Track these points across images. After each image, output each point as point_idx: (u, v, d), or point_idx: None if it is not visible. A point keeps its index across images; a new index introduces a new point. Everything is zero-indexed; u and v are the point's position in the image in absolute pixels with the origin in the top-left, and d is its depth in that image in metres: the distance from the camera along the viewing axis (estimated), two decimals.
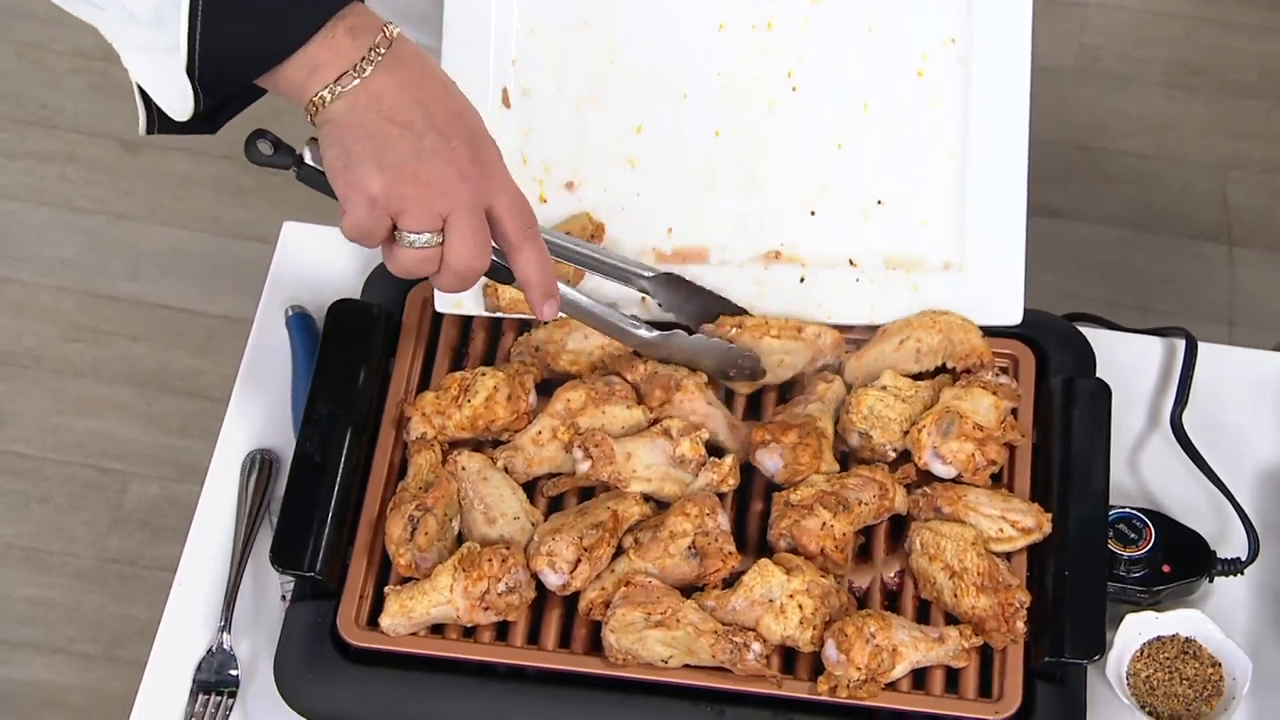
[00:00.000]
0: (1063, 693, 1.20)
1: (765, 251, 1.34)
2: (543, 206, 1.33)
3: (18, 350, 2.43)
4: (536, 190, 1.33)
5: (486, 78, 1.32)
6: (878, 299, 1.33)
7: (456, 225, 1.06)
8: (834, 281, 1.34)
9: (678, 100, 1.33)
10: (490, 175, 1.08)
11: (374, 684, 1.20)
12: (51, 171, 2.58)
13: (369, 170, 1.03)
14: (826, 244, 1.33)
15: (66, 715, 2.16)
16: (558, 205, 1.34)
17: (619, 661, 1.19)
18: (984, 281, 1.32)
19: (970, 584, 1.21)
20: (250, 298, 1.45)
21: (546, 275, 1.13)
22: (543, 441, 1.28)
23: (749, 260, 1.34)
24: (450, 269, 1.08)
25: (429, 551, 1.22)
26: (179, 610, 1.31)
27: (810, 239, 1.34)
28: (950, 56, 1.31)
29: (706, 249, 1.34)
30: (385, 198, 1.04)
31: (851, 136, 1.32)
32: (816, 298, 1.34)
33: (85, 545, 2.29)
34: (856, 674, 1.17)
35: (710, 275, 1.34)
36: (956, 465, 1.27)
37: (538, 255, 1.12)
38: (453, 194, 1.05)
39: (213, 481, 1.37)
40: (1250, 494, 1.36)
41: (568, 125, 1.33)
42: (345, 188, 1.05)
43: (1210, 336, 1.44)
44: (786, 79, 1.32)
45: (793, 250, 1.34)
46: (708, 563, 1.22)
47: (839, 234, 1.33)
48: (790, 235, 1.34)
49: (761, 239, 1.34)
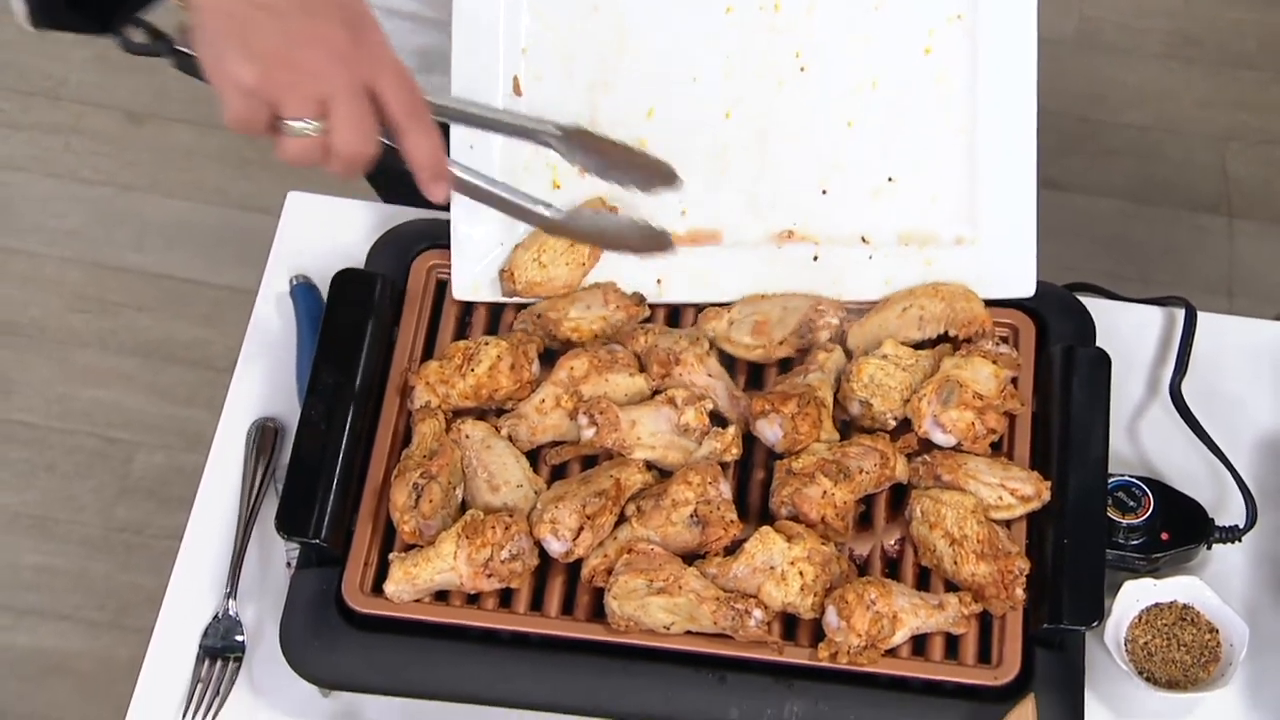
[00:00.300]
0: (1061, 659, 1.20)
1: (778, 231, 1.34)
2: (557, 192, 1.33)
3: (24, 320, 2.43)
4: (550, 176, 1.33)
5: (497, 66, 1.32)
6: (891, 274, 1.33)
7: (337, 110, 1.02)
8: (847, 259, 1.33)
9: (687, 84, 1.33)
10: (370, 55, 1.04)
11: (378, 650, 1.20)
12: (56, 143, 2.57)
13: (237, 60, 1.00)
14: (838, 222, 1.33)
15: (74, 681, 2.17)
16: (572, 190, 1.33)
17: (621, 628, 1.19)
18: (996, 255, 1.32)
19: (970, 551, 1.21)
20: (255, 268, 1.45)
21: (436, 155, 1.08)
22: (546, 409, 1.28)
23: (762, 240, 1.34)
24: (338, 155, 1.04)
25: (433, 519, 1.22)
26: (185, 577, 1.31)
27: (822, 217, 1.33)
28: (957, 32, 1.30)
29: (720, 230, 1.34)
30: (258, 87, 1.00)
31: (861, 115, 1.32)
32: (830, 275, 1.33)
33: (92, 514, 2.29)
34: (857, 640, 1.17)
35: (724, 256, 1.33)
36: (957, 434, 1.26)
37: (426, 134, 1.07)
38: (328, 77, 1.02)
39: (218, 449, 1.37)
40: (1248, 462, 1.36)
41: (579, 111, 1.32)
42: (218, 79, 1.01)
43: (1209, 307, 1.44)
44: (794, 59, 1.32)
45: (805, 229, 1.34)
46: (710, 531, 1.22)
47: (851, 212, 1.33)
48: (802, 214, 1.34)
49: (774, 219, 1.34)
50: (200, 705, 1.25)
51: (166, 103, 2.60)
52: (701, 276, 1.34)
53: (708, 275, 1.34)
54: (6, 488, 2.30)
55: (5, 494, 2.30)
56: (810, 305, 1.32)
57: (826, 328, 1.32)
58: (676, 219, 1.33)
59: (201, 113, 2.57)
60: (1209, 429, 1.35)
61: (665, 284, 1.34)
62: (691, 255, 1.33)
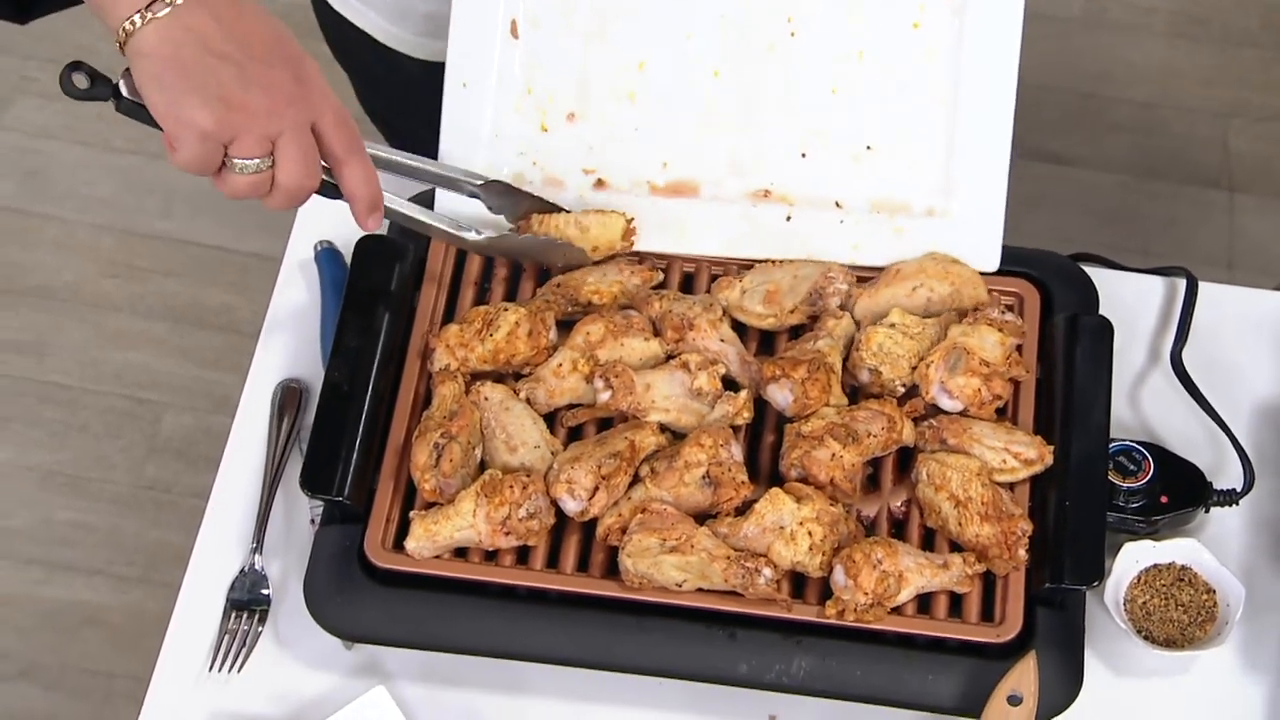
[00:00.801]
0: (1062, 617, 1.20)
1: (755, 189, 1.34)
2: (544, 135, 1.34)
3: (58, 285, 2.43)
4: (539, 119, 1.34)
5: (496, 8, 1.32)
6: (861, 240, 1.33)
7: (285, 147, 1.05)
8: (819, 221, 1.34)
9: (681, 39, 1.32)
10: (313, 95, 1.07)
11: (399, 604, 1.21)
12: (89, 112, 2.57)
13: (195, 105, 1.01)
14: (815, 185, 1.34)
15: (105, 633, 2.18)
16: (559, 135, 1.34)
17: (635, 585, 1.19)
18: (965, 228, 1.32)
19: (974, 513, 1.21)
20: (279, 237, 1.45)
21: (371, 188, 1.13)
22: (563, 373, 1.28)
23: (739, 197, 1.34)
24: (282, 189, 1.07)
25: (453, 478, 1.22)
26: (213, 532, 1.32)
27: (800, 179, 1.34)
28: (946, 9, 1.30)
29: (699, 184, 1.34)
30: (215, 130, 1.02)
31: (846, 83, 1.32)
32: (802, 235, 1.34)
33: (123, 472, 2.30)
34: (863, 598, 1.17)
35: (700, 209, 1.34)
36: (963, 399, 1.26)
37: (362, 169, 1.11)
38: (280, 117, 1.04)
39: (245, 410, 1.37)
40: (1246, 428, 1.36)
41: (572, 58, 1.33)
42: (174, 125, 1.02)
43: (1209, 279, 1.43)
44: (786, 24, 1.31)
45: (782, 190, 1.34)
46: (721, 491, 1.22)
47: (828, 176, 1.33)
48: (781, 175, 1.34)
49: (753, 177, 1.34)
50: (227, 655, 1.26)
51: None
52: (674, 226, 1.34)
53: (681, 226, 1.34)
54: (41, 447, 2.31)
55: (40, 453, 2.31)
56: (821, 273, 1.32)
57: (836, 295, 1.31)
58: (658, 170, 1.34)
59: None
60: (1208, 396, 1.35)
61: (639, 231, 1.33)
62: (667, 205, 1.34)
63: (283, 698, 1.25)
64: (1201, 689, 1.27)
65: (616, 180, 1.33)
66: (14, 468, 2.29)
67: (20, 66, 2.58)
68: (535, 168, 1.34)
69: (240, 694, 1.25)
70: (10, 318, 2.40)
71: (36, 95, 2.58)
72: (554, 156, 1.34)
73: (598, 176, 1.33)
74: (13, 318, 2.40)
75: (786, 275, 1.32)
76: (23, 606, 2.19)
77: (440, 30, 1.35)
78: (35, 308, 2.41)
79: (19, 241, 2.47)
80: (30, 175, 2.52)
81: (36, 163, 2.53)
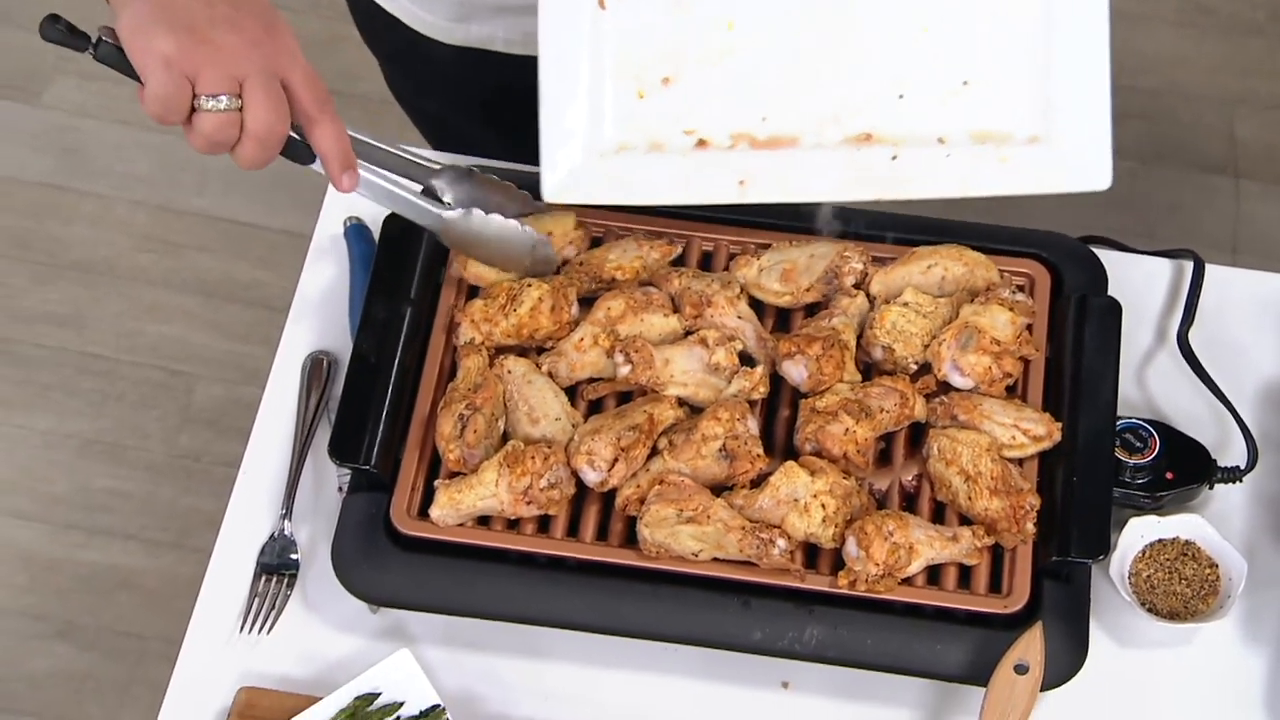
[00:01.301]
0: (1068, 590, 1.19)
1: (856, 134, 1.27)
2: (641, 102, 1.28)
3: (95, 259, 2.44)
4: (634, 87, 1.28)
5: None
6: (967, 172, 1.26)
7: (253, 90, 1.04)
8: (924, 158, 1.27)
9: None
10: (284, 49, 1.06)
11: (423, 570, 1.20)
12: (126, 92, 2.56)
13: (160, 32, 1.01)
14: (915, 125, 1.27)
15: (140, 596, 2.19)
16: (656, 100, 1.28)
17: (652, 554, 1.19)
18: (1071, 150, 1.25)
19: (984, 487, 1.20)
20: (310, 214, 1.45)
21: (344, 147, 1.11)
22: (584, 348, 1.27)
23: (840, 143, 1.27)
24: (251, 135, 1.05)
25: (477, 448, 1.22)
26: (244, 498, 1.32)
27: (899, 121, 1.27)
28: None
29: (799, 135, 1.28)
30: (179, 57, 1.01)
31: (936, 19, 1.26)
32: (909, 174, 1.27)
33: (157, 441, 2.30)
34: (875, 569, 1.17)
35: (803, 158, 1.27)
36: (974, 377, 1.25)
37: (334, 128, 1.10)
38: (246, 59, 1.03)
39: (275, 380, 1.37)
40: (1251, 407, 1.35)
41: (661, 24, 1.27)
42: (140, 53, 1.02)
43: (1215, 264, 1.42)
44: None
45: (883, 133, 1.27)
46: (737, 464, 1.21)
47: (927, 115, 1.27)
48: (880, 118, 1.27)
49: (852, 123, 1.27)
50: (257, 618, 1.26)
51: None
52: (783, 178, 1.27)
53: (789, 177, 1.27)
54: (80, 416, 2.32)
55: (79, 421, 2.31)
56: (836, 253, 1.31)
57: (851, 274, 1.30)
58: (758, 124, 1.28)
59: None
60: (1214, 375, 1.34)
61: (748, 185, 1.27)
62: (772, 158, 1.27)
63: (310, 659, 1.25)
64: (1203, 660, 1.26)
65: (718, 138, 1.28)
66: (54, 436, 2.30)
67: (58, 48, 2.59)
68: (637, 134, 1.28)
69: (269, 655, 1.25)
70: (50, 291, 2.41)
71: (75, 75, 2.58)
72: (654, 121, 1.28)
73: (699, 137, 1.28)
74: (52, 291, 2.41)
75: (803, 254, 1.32)
76: (61, 569, 2.20)
77: (469, 14, 1.34)
78: (74, 281, 2.42)
79: (58, 217, 2.47)
80: (69, 153, 2.52)
81: (75, 140, 2.53)
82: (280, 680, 1.24)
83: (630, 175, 1.27)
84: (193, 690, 1.24)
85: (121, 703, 2.12)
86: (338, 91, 1.08)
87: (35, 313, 2.39)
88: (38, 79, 2.57)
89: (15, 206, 2.47)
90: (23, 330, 2.37)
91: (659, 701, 1.24)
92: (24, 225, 2.46)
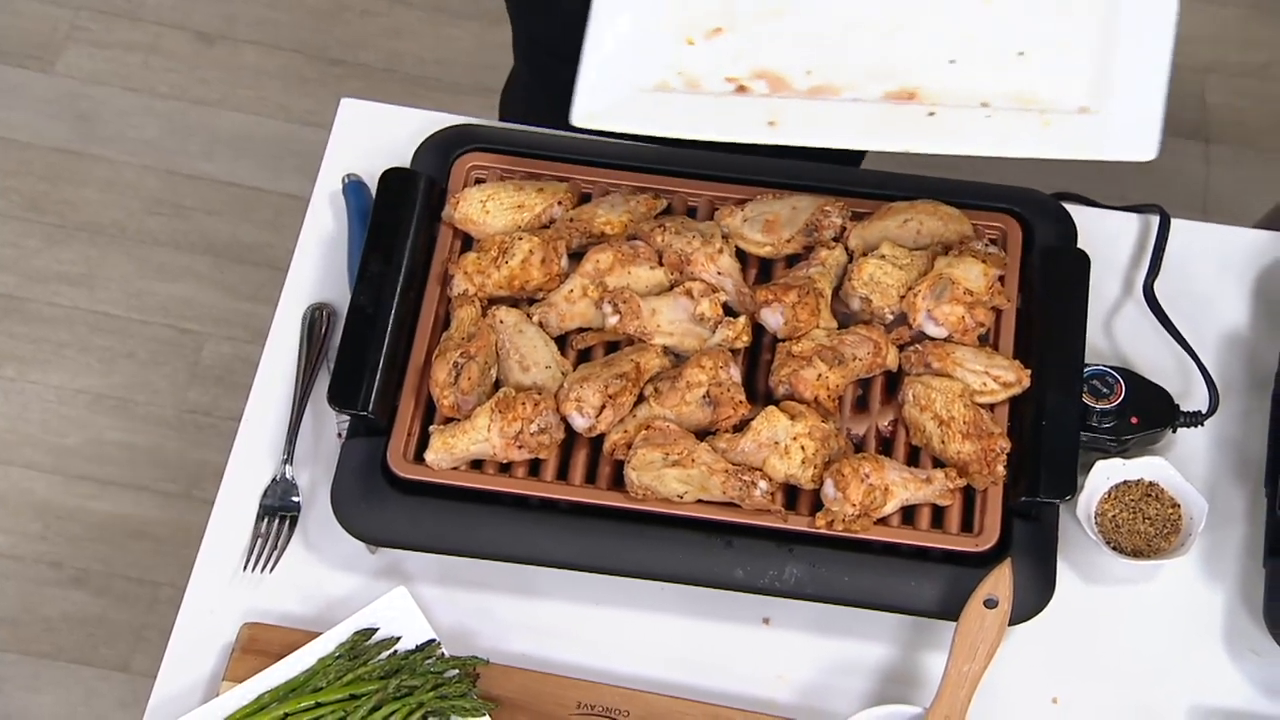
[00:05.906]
0: (1037, 529, 1.20)
1: (897, 90, 1.22)
2: (688, 48, 1.25)
3: (106, 221, 2.43)
4: (684, 33, 1.25)
5: None
6: (1006, 133, 1.20)
7: None
8: (963, 118, 1.21)
9: None
10: None
11: (420, 511, 1.21)
12: (136, 60, 2.56)
13: None
14: (961, 90, 1.21)
15: (151, 543, 2.19)
16: (703, 48, 1.25)
17: (639, 496, 1.20)
18: (1120, 122, 1.20)
19: (957, 431, 1.21)
20: (312, 178, 1.44)
21: None
22: (574, 299, 1.27)
23: (880, 99, 1.22)
24: None
25: (470, 395, 1.22)
26: (247, 444, 1.32)
27: (945, 86, 1.22)
28: None
29: (840, 87, 1.23)
30: None
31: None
32: (946, 128, 1.20)
33: (166, 397, 2.30)
34: (852, 510, 1.17)
35: (839, 108, 1.22)
36: (948, 326, 1.26)
37: None
38: None
39: (277, 331, 1.37)
40: (1212, 355, 1.35)
41: None
42: None
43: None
44: None
45: (927, 94, 1.22)
46: (720, 410, 1.21)
47: (975, 81, 1.22)
48: (927, 81, 1.22)
49: (896, 82, 1.23)
50: (260, 557, 1.27)
51: (235, 26, 2.58)
52: (813, 120, 1.22)
53: (819, 120, 1.22)
54: (92, 372, 2.32)
55: (91, 378, 2.31)
56: (817, 206, 1.31)
57: (830, 227, 1.30)
58: (800, 77, 1.23)
59: (267, 34, 2.55)
60: (1178, 325, 1.34)
61: (778, 125, 1.22)
62: (807, 104, 1.23)
63: (311, 597, 1.26)
64: (1166, 596, 1.27)
65: (757, 87, 1.23)
66: (67, 391, 2.30)
67: (72, 16, 2.57)
68: (677, 77, 1.24)
69: (272, 593, 1.26)
70: (63, 251, 2.40)
71: (88, 44, 2.57)
72: (697, 67, 1.24)
73: (739, 84, 1.23)
74: (65, 251, 2.40)
75: (785, 206, 1.32)
76: (75, 518, 2.21)
77: None
78: (86, 243, 2.41)
79: (71, 180, 2.46)
80: (81, 119, 2.51)
81: (87, 107, 2.52)
82: (282, 617, 1.24)
83: (661, 110, 1.23)
84: (199, 626, 1.24)
85: (134, 646, 2.13)
86: (340, 60, 1.07)
87: (49, 273, 2.38)
88: (51, 48, 2.56)
89: (30, 171, 2.46)
90: (37, 290, 2.37)
91: (645, 637, 1.25)
92: (38, 189, 2.45)
